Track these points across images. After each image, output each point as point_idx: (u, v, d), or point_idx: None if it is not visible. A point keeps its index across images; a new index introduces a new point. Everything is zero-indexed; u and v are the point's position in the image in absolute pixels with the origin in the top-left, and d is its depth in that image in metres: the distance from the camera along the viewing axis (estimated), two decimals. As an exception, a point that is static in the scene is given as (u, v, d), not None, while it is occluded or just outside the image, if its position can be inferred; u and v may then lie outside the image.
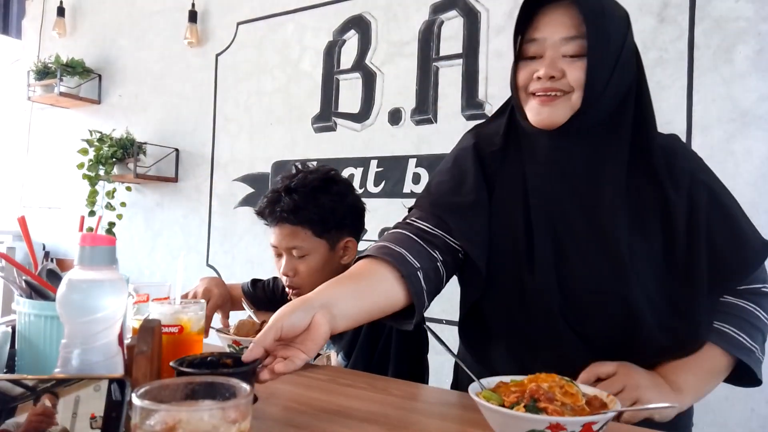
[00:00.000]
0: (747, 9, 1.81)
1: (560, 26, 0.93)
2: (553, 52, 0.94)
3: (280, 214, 1.32)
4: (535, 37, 0.95)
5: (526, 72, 0.97)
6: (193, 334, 1.05)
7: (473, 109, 2.28)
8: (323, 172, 1.38)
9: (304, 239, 1.32)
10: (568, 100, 0.94)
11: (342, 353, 1.34)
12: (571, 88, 0.93)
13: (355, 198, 1.40)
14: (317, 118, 2.72)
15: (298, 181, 1.34)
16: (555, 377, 0.78)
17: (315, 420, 0.88)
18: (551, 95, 0.94)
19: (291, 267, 1.34)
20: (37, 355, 0.86)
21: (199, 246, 3.10)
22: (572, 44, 0.93)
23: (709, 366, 0.96)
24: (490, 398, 0.77)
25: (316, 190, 1.32)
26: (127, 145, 3.13)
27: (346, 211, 1.36)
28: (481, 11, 2.29)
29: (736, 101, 1.81)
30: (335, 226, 1.34)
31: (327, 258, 1.34)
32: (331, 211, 1.32)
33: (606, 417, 0.72)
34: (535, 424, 0.70)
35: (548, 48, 0.94)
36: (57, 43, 3.65)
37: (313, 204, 1.31)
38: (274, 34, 2.88)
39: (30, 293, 0.90)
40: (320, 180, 1.35)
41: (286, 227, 1.33)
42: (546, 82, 0.93)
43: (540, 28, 0.95)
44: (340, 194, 1.36)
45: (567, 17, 0.93)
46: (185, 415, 0.55)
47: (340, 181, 1.38)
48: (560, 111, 0.94)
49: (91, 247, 0.74)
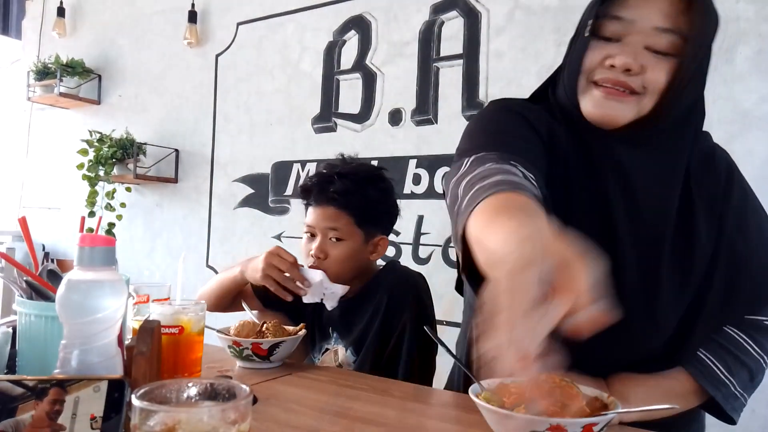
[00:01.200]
0: (747, 10, 1.81)
1: (656, 12, 0.77)
2: (639, 39, 0.78)
3: (331, 194, 1.32)
4: (621, 16, 0.78)
5: (598, 54, 0.80)
6: (193, 334, 1.05)
7: (474, 109, 2.28)
8: (374, 167, 1.42)
9: (346, 224, 1.33)
10: (637, 103, 0.80)
11: (351, 349, 1.35)
12: (645, 90, 0.80)
13: (395, 200, 1.42)
14: (317, 119, 2.72)
15: (351, 169, 1.36)
16: (555, 378, 0.78)
17: (315, 421, 0.88)
18: (621, 90, 0.79)
19: (323, 248, 1.33)
20: (38, 355, 0.86)
21: (199, 247, 3.10)
22: (664, 38, 0.77)
23: (668, 386, 0.88)
24: (490, 400, 0.77)
25: (366, 181, 1.35)
26: (126, 146, 3.13)
27: (386, 209, 1.39)
28: (482, 12, 2.29)
29: (736, 102, 1.81)
30: (373, 220, 1.36)
31: (359, 249, 1.35)
32: (375, 203, 1.35)
33: (606, 418, 0.72)
34: (535, 426, 0.70)
35: (634, 33, 0.78)
36: (57, 43, 3.65)
37: (361, 193, 1.33)
38: (274, 35, 2.88)
39: (30, 294, 0.90)
40: (371, 173, 1.38)
41: (330, 209, 1.33)
42: (620, 74, 0.79)
43: (631, 6, 0.78)
44: (386, 191, 1.38)
45: (667, 3, 0.77)
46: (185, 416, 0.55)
47: (387, 180, 1.41)
48: (627, 111, 0.80)
49: (91, 248, 0.74)
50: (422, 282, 1.41)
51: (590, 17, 0.81)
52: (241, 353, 1.19)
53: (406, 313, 1.29)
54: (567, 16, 2.11)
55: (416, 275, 1.42)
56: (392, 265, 1.45)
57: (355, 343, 1.34)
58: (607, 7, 0.79)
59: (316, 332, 1.45)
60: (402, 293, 1.32)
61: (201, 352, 1.07)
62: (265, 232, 2.85)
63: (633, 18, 0.78)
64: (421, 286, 1.39)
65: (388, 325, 1.31)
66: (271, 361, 1.19)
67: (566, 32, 2.09)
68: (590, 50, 0.81)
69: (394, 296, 1.32)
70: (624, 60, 0.77)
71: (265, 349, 1.18)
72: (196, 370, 1.06)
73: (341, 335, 1.39)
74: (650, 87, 0.79)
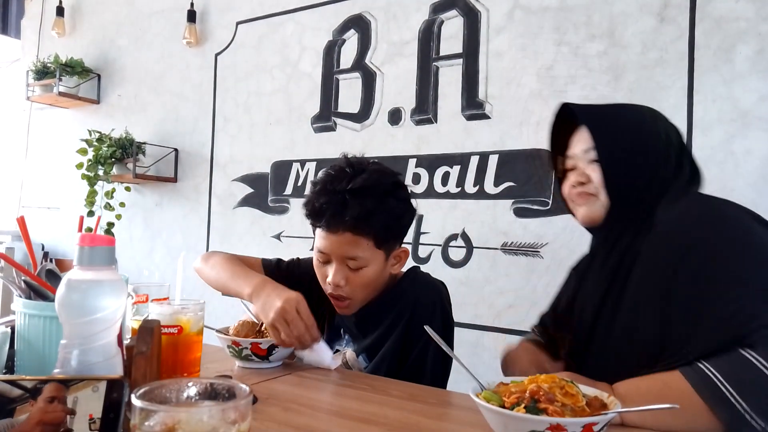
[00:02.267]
0: (747, 9, 1.81)
1: (581, 141, 1.12)
2: (582, 163, 1.12)
3: (348, 221, 1.15)
4: (568, 154, 1.16)
5: (567, 183, 1.16)
6: (193, 334, 1.05)
7: (473, 109, 2.28)
8: (390, 174, 1.22)
9: (366, 250, 1.18)
10: (597, 199, 1.09)
11: (364, 355, 1.29)
12: (597, 190, 1.09)
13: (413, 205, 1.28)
14: (317, 118, 2.72)
15: (366, 182, 1.17)
16: (555, 378, 0.78)
17: (314, 421, 0.87)
18: (584, 194, 1.11)
19: (343, 276, 1.20)
20: (37, 355, 0.86)
21: (198, 246, 3.09)
22: (590, 153, 1.10)
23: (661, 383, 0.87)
24: (491, 399, 0.77)
25: (384, 195, 1.18)
26: (126, 145, 3.13)
27: (408, 220, 1.25)
28: (482, 11, 2.29)
29: (736, 102, 1.81)
30: (395, 236, 1.23)
31: (382, 269, 1.23)
32: (398, 219, 1.21)
33: (606, 418, 0.73)
34: (535, 425, 0.70)
35: (578, 160, 1.13)
36: (56, 42, 3.65)
37: (382, 210, 1.16)
38: (273, 34, 2.88)
39: (29, 293, 0.90)
40: (391, 184, 1.20)
41: (347, 235, 1.16)
42: (578, 187, 1.12)
43: (571, 147, 1.16)
44: (407, 200, 1.24)
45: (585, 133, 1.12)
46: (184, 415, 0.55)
47: (405, 186, 1.25)
48: (595, 208, 1.10)
49: (90, 248, 0.74)
50: (444, 290, 1.34)
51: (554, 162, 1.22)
52: (240, 353, 1.18)
53: (433, 323, 1.20)
54: (566, 16, 2.11)
55: (439, 283, 1.35)
56: (414, 273, 1.35)
57: (369, 349, 1.27)
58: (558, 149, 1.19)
59: (327, 331, 1.39)
60: (428, 304, 1.24)
61: (200, 351, 1.07)
62: (265, 231, 2.85)
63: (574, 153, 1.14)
64: (444, 294, 1.32)
65: (412, 334, 1.22)
66: (270, 360, 1.19)
67: (565, 32, 2.10)
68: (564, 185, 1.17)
69: (420, 306, 1.23)
70: (575, 179, 1.13)
71: (265, 348, 1.18)
72: (195, 370, 1.06)
73: (354, 339, 1.34)
74: (597, 185, 1.09)
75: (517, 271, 2.15)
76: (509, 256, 2.18)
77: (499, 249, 2.20)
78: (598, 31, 2.04)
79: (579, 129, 1.14)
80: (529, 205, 2.14)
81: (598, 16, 2.05)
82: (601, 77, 2.03)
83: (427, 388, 1.07)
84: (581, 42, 2.07)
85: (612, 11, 2.02)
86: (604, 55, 2.03)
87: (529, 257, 2.13)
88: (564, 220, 2.06)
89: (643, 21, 1.96)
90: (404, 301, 1.25)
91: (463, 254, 2.28)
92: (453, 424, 0.88)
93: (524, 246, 2.14)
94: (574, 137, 1.15)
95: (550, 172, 1.28)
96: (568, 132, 1.17)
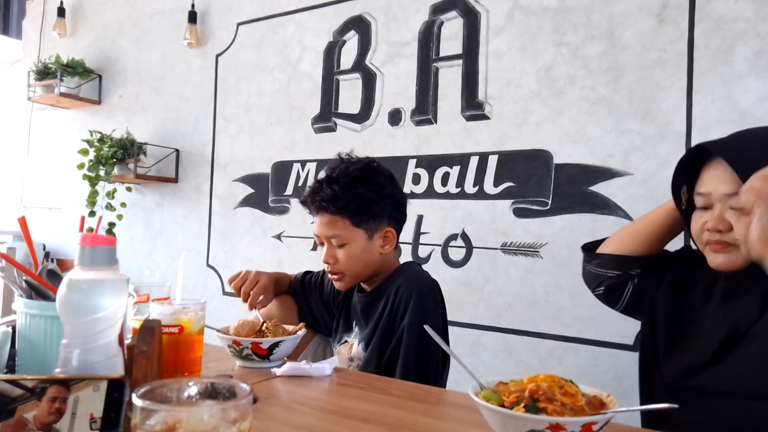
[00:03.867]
0: (746, 10, 1.81)
1: (722, 182, 0.99)
2: (720, 205, 0.99)
3: (320, 203, 1.36)
4: (701, 192, 1.03)
5: (698, 223, 1.04)
6: (193, 334, 1.05)
7: (473, 109, 2.29)
8: (364, 163, 1.41)
9: (343, 228, 1.36)
10: (738, 251, 0.96)
11: (363, 344, 1.37)
12: (737, 242, 0.96)
13: (395, 189, 1.44)
14: (317, 119, 2.72)
15: (340, 172, 1.38)
16: (554, 377, 0.78)
17: (315, 420, 0.88)
18: (720, 245, 1.00)
19: (331, 254, 1.38)
20: (38, 355, 0.86)
21: (199, 246, 3.10)
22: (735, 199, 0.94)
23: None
24: (490, 398, 0.77)
25: (355, 181, 1.36)
26: (127, 146, 3.13)
27: (384, 202, 1.39)
28: (481, 12, 2.29)
29: (735, 102, 1.81)
30: (373, 216, 1.38)
31: (365, 247, 1.38)
32: (368, 201, 1.36)
33: (605, 417, 0.73)
34: (534, 425, 0.70)
35: (715, 201, 1.00)
36: (57, 43, 3.66)
37: (351, 194, 1.35)
38: (274, 35, 2.89)
39: (30, 293, 0.90)
40: (360, 170, 1.38)
41: (325, 216, 1.37)
42: (715, 234, 1.00)
43: (704, 183, 1.02)
44: (379, 185, 1.39)
45: (728, 173, 0.97)
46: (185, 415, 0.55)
47: (380, 173, 1.41)
48: (735, 258, 0.99)
49: (92, 248, 0.74)
50: (430, 287, 1.37)
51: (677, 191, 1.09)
52: (240, 353, 1.19)
53: (408, 317, 1.28)
54: (565, 17, 2.11)
55: (425, 279, 1.39)
56: (407, 266, 1.46)
57: (366, 339, 1.36)
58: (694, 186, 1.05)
59: (342, 322, 1.49)
60: (402, 297, 1.31)
61: (201, 351, 1.08)
62: (266, 231, 2.86)
63: (709, 191, 1.01)
64: (426, 289, 1.35)
65: (391, 327, 1.31)
66: (270, 360, 1.19)
67: (565, 32, 2.11)
68: (694, 221, 1.06)
69: (396, 299, 1.32)
70: (712, 224, 1.00)
71: (265, 348, 1.18)
72: (195, 369, 1.06)
73: (360, 329, 1.43)
74: (741, 239, 0.94)
75: (516, 271, 2.16)
76: (509, 257, 2.18)
77: (499, 249, 2.21)
78: (598, 31, 2.05)
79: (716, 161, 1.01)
80: (528, 205, 2.14)
81: (597, 16, 2.05)
82: (601, 78, 2.03)
83: (427, 387, 1.08)
84: (581, 42, 2.08)
85: (611, 12, 2.03)
86: (604, 56, 2.03)
87: (529, 257, 2.14)
88: (564, 221, 2.07)
89: (642, 22, 1.97)
90: (389, 292, 1.35)
91: (463, 254, 2.28)
92: (452, 424, 0.89)
93: (524, 246, 2.15)
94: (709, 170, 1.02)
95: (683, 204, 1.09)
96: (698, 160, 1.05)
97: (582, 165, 2.05)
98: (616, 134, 1.99)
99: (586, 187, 2.03)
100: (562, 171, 2.08)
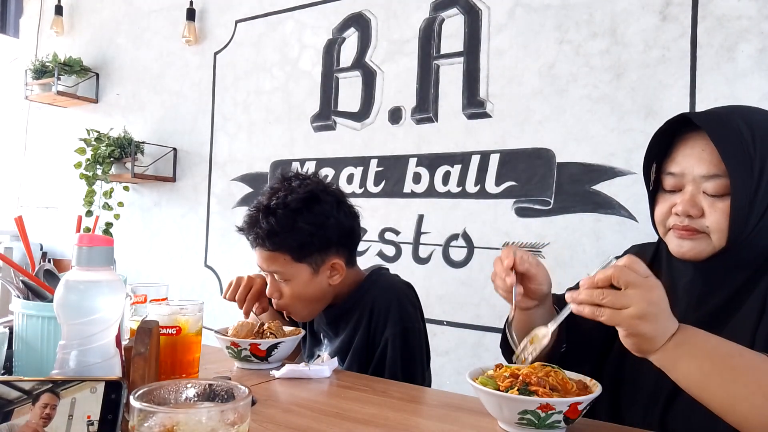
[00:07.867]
0: (749, 7, 1.80)
1: (699, 162, 0.89)
2: (693, 188, 0.90)
3: (259, 239, 1.24)
4: (673, 171, 0.92)
5: (665, 206, 0.94)
6: (191, 335, 1.04)
7: (474, 107, 2.27)
8: (306, 191, 1.25)
9: (284, 264, 1.23)
10: (708, 239, 0.89)
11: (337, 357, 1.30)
12: (708, 229, 0.88)
13: (344, 214, 1.29)
14: (316, 117, 2.71)
15: (278, 201, 1.23)
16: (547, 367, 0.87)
17: (314, 422, 0.87)
18: (688, 231, 0.90)
19: (276, 288, 1.27)
20: (35, 356, 0.86)
21: (197, 246, 3.08)
22: (714, 182, 0.87)
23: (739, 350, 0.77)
24: (486, 383, 0.85)
25: (294, 213, 1.22)
26: (124, 145, 3.12)
27: (329, 233, 1.25)
28: (482, 9, 2.28)
29: (738, 100, 1.80)
30: (317, 249, 1.25)
31: (311, 281, 1.26)
32: (310, 236, 1.22)
33: (589, 398, 0.81)
34: (527, 405, 0.78)
35: (687, 183, 0.90)
36: (55, 41, 3.64)
37: (290, 229, 1.21)
38: (272, 32, 2.87)
39: (27, 294, 0.89)
40: (301, 201, 1.23)
41: (264, 251, 1.24)
42: (684, 219, 0.90)
43: (678, 161, 0.92)
44: (323, 215, 1.25)
45: (707, 152, 0.88)
46: (183, 417, 0.55)
47: (325, 200, 1.26)
48: (704, 247, 0.90)
49: (89, 248, 0.73)
50: (406, 291, 1.34)
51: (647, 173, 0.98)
52: (239, 354, 1.18)
53: (389, 329, 1.25)
54: (568, 14, 2.10)
55: (400, 285, 1.35)
56: (376, 274, 1.37)
57: (340, 352, 1.31)
58: (662, 164, 0.95)
59: (309, 338, 1.44)
60: (382, 309, 1.27)
61: (199, 352, 1.07)
62: (264, 231, 2.84)
63: (683, 171, 0.91)
64: (402, 296, 1.31)
65: (372, 339, 1.27)
66: (269, 362, 1.18)
67: (567, 30, 2.09)
68: (659, 203, 0.96)
69: (376, 310, 1.27)
70: (683, 207, 0.90)
71: (264, 349, 1.17)
72: (193, 370, 1.05)
73: (330, 342, 1.38)
74: (712, 226, 0.88)
75: (517, 271, 2.15)
76: (510, 256, 2.17)
77: (501, 249, 2.19)
78: (600, 29, 2.04)
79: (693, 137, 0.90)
80: (530, 204, 2.13)
81: (599, 14, 2.04)
82: (603, 75, 2.02)
83: (428, 389, 1.07)
84: (583, 40, 2.06)
85: (614, 9, 2.01)
86: (606, 54, 2.02)
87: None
88: (565, 220, 2.06)
89: (645, 19, 1.96)
90: (364, 304, 1.30)
91: (464, 254, 2.27)
92: (453, 426, 0.88)
93: (526, 246, 2.14)
94: (686, 147, 0.91)
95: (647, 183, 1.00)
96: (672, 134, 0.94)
97: (584, 164, 2.04)
98: (619, 133, 1.98)
99: (589, 186, 2.02)
100: (564, 170, 2.07)
